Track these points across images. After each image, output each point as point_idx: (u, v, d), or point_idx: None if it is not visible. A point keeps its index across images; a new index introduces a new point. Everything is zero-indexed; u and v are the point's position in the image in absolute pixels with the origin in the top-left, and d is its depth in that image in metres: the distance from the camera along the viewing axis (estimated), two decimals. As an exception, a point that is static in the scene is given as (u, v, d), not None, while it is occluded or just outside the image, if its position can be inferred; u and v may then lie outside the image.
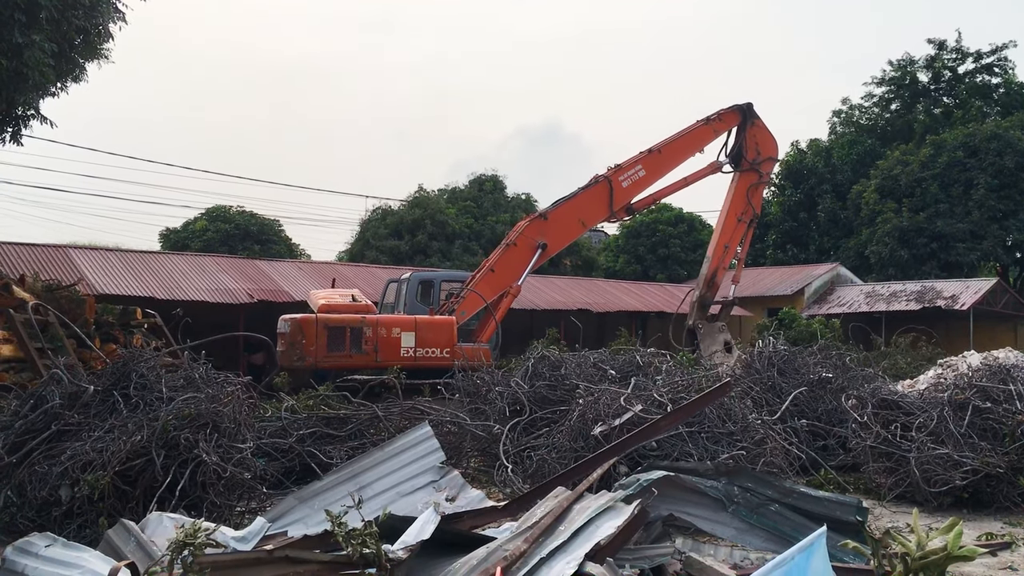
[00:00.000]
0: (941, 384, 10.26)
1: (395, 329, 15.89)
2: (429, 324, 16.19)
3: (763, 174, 19.97)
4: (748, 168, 19.50)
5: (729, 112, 19.48)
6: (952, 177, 39.17)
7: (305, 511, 6.79)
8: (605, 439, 7.87)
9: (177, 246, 37.46)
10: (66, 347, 10.64)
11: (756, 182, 19.65)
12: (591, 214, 18.15)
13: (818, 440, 10.27)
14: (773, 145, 20.04)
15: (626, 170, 18.12)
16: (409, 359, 15.52)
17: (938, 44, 46.65)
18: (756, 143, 19.58)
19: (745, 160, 19.50)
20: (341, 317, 15.77)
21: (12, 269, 17.99)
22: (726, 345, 18.15)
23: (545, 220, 17.58)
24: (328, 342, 15.34)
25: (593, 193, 17.93)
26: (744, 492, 6.05)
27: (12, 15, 12.06)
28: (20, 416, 7.81)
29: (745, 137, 19.45)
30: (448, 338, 16.04)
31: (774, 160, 20.54)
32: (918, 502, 8.44)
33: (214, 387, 8.06)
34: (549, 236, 17.40)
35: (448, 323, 16.26)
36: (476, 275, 17.38)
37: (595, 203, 17.95)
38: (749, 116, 19.54)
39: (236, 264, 26.07)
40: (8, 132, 15.15)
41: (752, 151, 19.54)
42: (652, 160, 18.37)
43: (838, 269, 39.72)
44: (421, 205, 37.90)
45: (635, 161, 18.26)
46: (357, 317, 15.81)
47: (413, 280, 18.50)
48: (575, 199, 17.80)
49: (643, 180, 18.27)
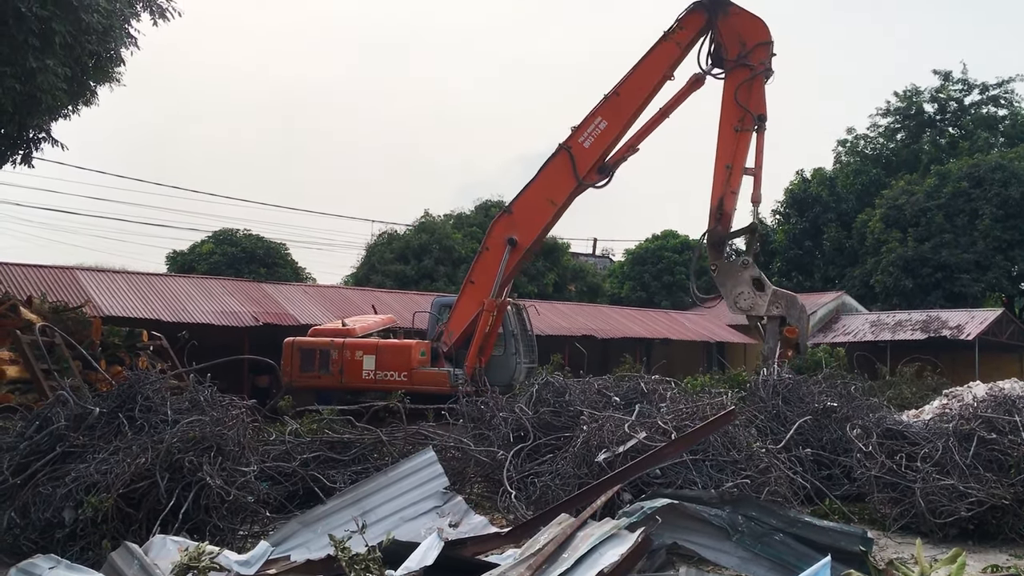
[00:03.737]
0: (946, 414, 10.22)
1: (358, 352, 16.59)
2: (388, 348, 16.67)
3: (754, 66, 15.56)
4: (736, 66, 15.61)
5: (690, 15, 15.96)
6: (957, 207, 39.22)
7: (308, 535, 6.79)
8: (609, 466, 7.85)
9: (184, 269, 37.55)
10: (72, 369, 10.69)
11: (748, 78, 15.42)
12: (558, 190, 16.07)
13: (823, 469, 10.22)
14: (759, 28, 15.79)
15: (584, 128, 15.92)
16: (370, 381, 16.26)
17: (944, 75, 46.93)
18: (737, 33, 15.72)
19: (728, 60, 15.71)
20: (312, 340, 17.08)
21: (19, 290, 18.07)
22: (755, 283, 14.34)
23: (511, 214, 16.35)
24: (301, 363, 16.61)
25: (554, 166, 16.07)
26: (748, 521, 6.03)
27: (27, 40, 12.22)
28: (25, 437, 7.85)
29: (720, 33, 15.80)
30: (405, 361, 16.31)
31: (766, 45, 15.76)
32: (923, 533, 8.39)
33: (219, 410, 8.09)
34: (519, 230, 16.09)
35: (406, 347, 16.58)
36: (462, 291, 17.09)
37: (559, 176, 15.99)
38: (717, 8, 15.81)
39: (242, 287, 26.14)
40: (19, 154, 15.28)
41: (735, 45, 15.67)
42: (612, 107, 15.85)
43: (843, 298, 39.69)
44: (427, 230, 37.99)
45: (593, 114, 15.94)
46: (326, 341, 16.83)
47: (435, 304, 18.52)
48: (537, 180, 16.21)
49: (607, 132, 15.82)
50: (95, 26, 13.15)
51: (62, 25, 12.56)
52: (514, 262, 16.27)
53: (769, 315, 13.20)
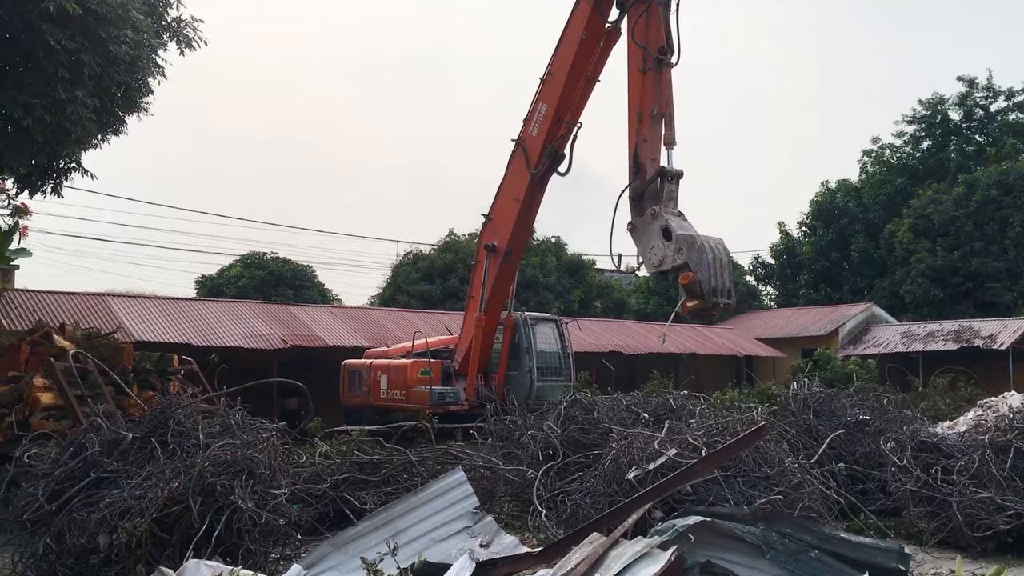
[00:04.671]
0: (982, 426, 10.09)
1: (379, 372, 17.40)
2: (394, 367, 17.18)
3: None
4: (633, 3, 13.02)
5: None
6: (986, 215, 38.79)
7: (340, 558, 6.82)
8: (639, 484, 7.81)
9: (212, 292, 37.93)
10: (105, 395, 10.78)
11: (642, 12, 12.70)
12: (517, 185, 15.38)
13: (857, 484, 10.11)
14: None
15: (531, 117, 15.10)
16: (384, 400, 17.09)
17: (969, 82, 46.49)
18: None
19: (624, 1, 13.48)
20: (355, 362, 18.25)
21: (53, 318, 18.32)
22: (664, 233, 11.24)
23: (491, 220, 15.89)
24: (349, 384, 18.19)
25: (513, 163, 15.42)
26: (782, 538, 5.98)
27: (56, 72, 12.44)
28: (60, 464, 7.93)
29: None
30: (403, 380, 16.76)
31: None
32: (961, 547, 8.27)
33: (250, 433, 8.13)
34: (496, 235, 15.65)
35: (403, 367, 16.95)
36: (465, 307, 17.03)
37: (517, 172, 15.35)
38: None
39: (270, 310, 26.33)
40: (50, 184, 15.52)
41: None
42: (548, 88, 14.83)
43: (872, 309, 39.30)
44: (452, 249, 38.09)
45: (535, 100, 15.02)
46: (364, 363, 17.92)
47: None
48: (503, 180, 15.62)
49: (547, 116, 14.83)
50: (123, 57, 13.34)
51: (91, 57, 12.76)
52: (495, 268, 15.70)
53: (675, 265, 10.81)
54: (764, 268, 48.81)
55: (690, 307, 10.78)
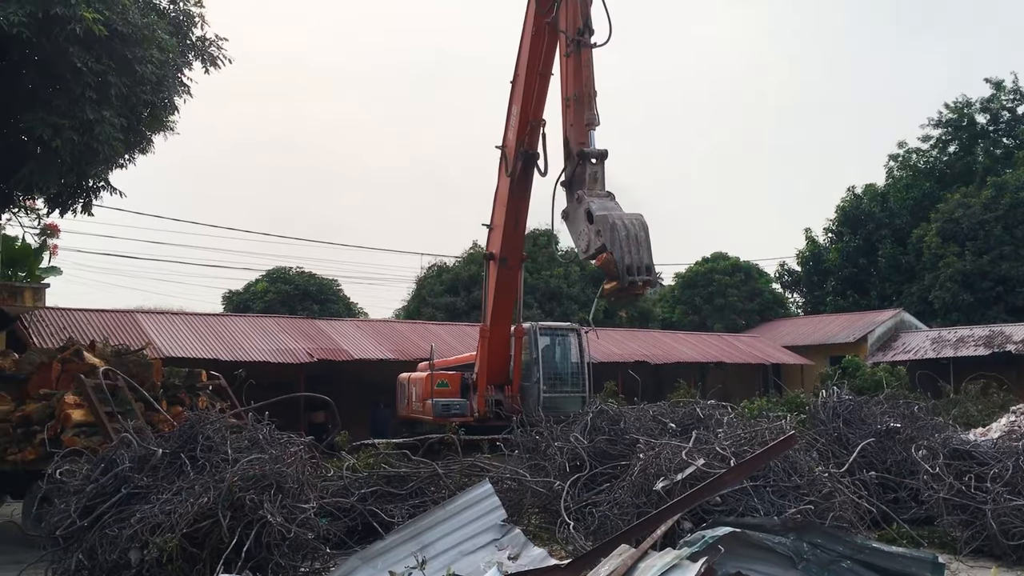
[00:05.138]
0: (1015, 432, 9.96)
1: (413, 385, 18.52)
2: (418, 380, 18.06)
3: None
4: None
5: None
6: (1016, 219, 38.35)
7: (369, 571, 6.83)
8: (668, 494, 7.76)
9: (239, 308, 38.27)
10: (135, 411, 10.89)
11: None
12: (500, 192, 15.68)
13: (888, 493, 9.98)
14: None
15: (507, 123, 15.21)
16: (414, 412, 18.03)
17: (995, 84, 46.03)
18: None
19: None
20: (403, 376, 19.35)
21: (83, 335, 18.56)
22: (587, 216, 10.53)
23: (491, 229, 16.12)
24: (398, 396, 19.49)
25: (499, 171, 15.60)
26: (814, 548, 5.92)
27: (84, 93, 12.64)
28: (91, 480, 8.02)
29: None
30: (423, 392, 17.56)
31: None
32: (996, 556, 8.16)
33: (277, 447, 8.18)
34: (494, 242, 15.83)
35: (421, 379, 17.88)
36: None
37: (500, 178, 15.58)
38: None
39: (296, 324, 26.50)
40: (79, 203, 15.74)
41: None
42: (516, 92, 14.91)
43: (901, 315, 38.88)
44: (476, 261, 38.16)
45: (509, 106, 15.17)
46: (405, 376, 19.14)
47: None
48: (495, 189, 15.85)
49: (518, 118, 14.80)
50: (149, 77, 13.54)
51: (117, 77, 12.97)
52: (494, 276, 15.75)
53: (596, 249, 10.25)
54: (791, 275, 48.48)
55: (608, 289, 10.15)
